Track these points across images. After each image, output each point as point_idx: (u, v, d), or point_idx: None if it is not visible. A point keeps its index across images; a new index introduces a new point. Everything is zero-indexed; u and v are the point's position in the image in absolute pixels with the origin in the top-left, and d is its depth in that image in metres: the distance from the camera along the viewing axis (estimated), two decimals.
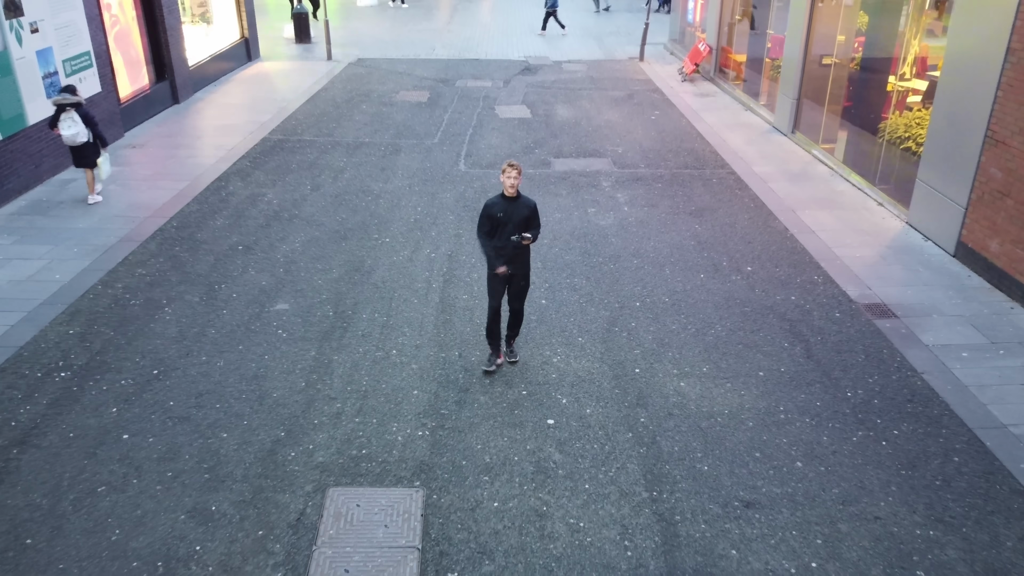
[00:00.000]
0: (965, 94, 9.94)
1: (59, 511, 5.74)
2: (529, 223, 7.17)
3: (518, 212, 7.10)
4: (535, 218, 7.23)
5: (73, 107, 10.99)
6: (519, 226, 7.10)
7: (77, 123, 10.97)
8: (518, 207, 7.11)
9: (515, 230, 7.08)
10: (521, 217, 7.11)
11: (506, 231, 7.07)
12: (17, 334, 8.04)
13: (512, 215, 7.07)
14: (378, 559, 5.36)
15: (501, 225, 7.09)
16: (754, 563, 5.46)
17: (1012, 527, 5.82)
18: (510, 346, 7.82)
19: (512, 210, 7.08)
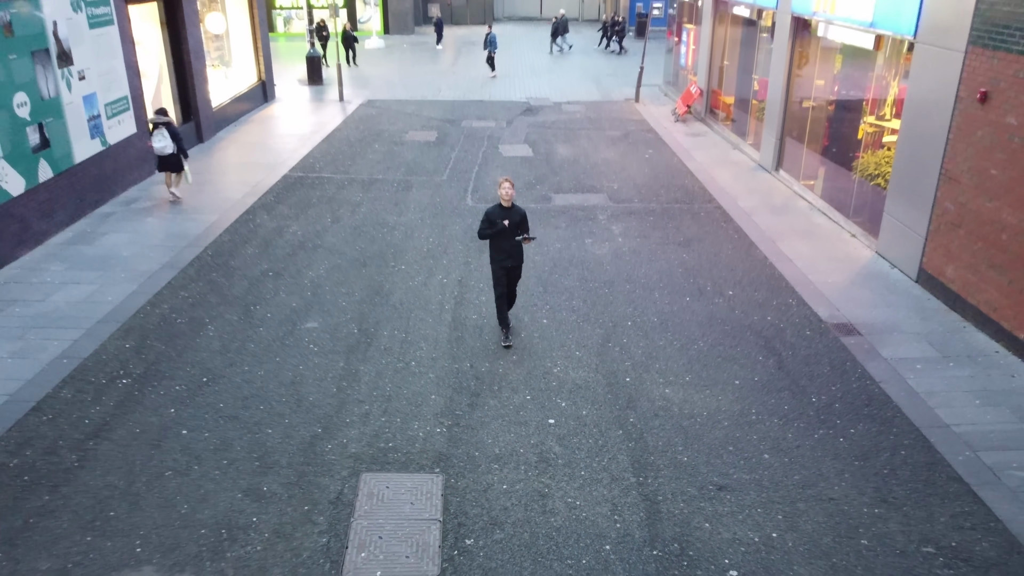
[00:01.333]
0: (923, 136, 11.10)
1: (134, 490, 6.76)
2: (521, 226, 9.09)
3: (512, 217, 9.03)
4: (525, 222, 9.21)
5: (164, 125, 13.65)
6: (513, 228, 8.99)
7: (166, 138, 13.69)
8: (512, 214, 9.06)
9: (514, 233, 9.00)
10: (514, 222, 9.03)
11: (507, 236, 8.97)
12: (80, 347, 9.09)
13: (510, 221, 8.98)
14: (406, 528, 6.37)
15: (502, 230, 8.97)
16: (724, 534, 6.46)
17: (946, 506, 6.82)
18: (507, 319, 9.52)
19: (507, 216, 9.00)
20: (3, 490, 6.73)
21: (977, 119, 9.95)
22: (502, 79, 29.07)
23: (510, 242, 9.07)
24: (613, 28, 36.45)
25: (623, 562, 6.12)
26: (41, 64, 12.20)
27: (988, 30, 9.69)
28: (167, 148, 13.75)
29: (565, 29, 35.95)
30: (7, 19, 11.35)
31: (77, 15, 13.24)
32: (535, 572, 5.99)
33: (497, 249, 9.17)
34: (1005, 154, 9.43)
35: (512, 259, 9.22)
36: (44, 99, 12.28)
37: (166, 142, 13.70)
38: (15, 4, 11.54)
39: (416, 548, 6.18)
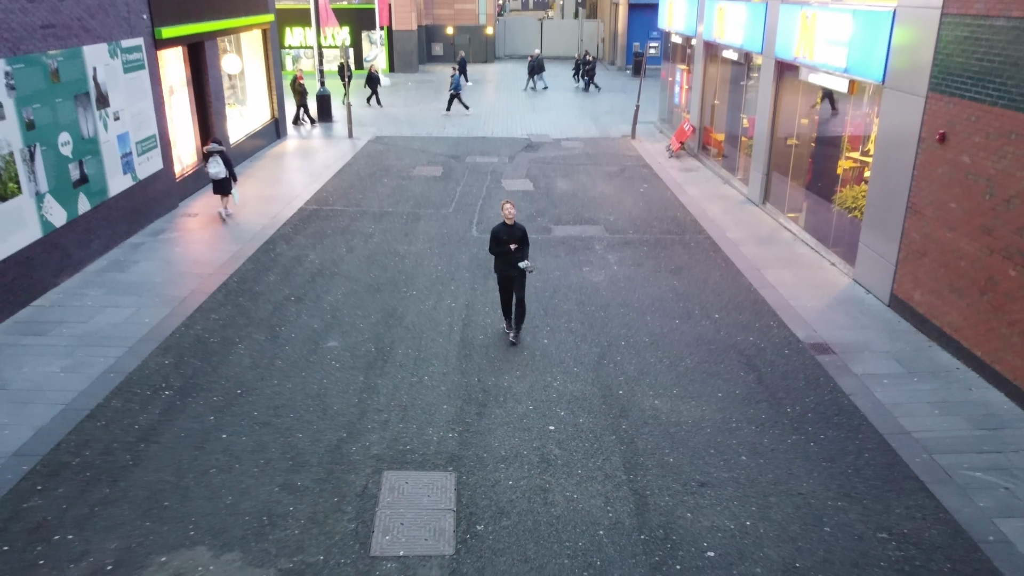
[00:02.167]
0: (892, 172, 12.12)
1: (183, 485, 7.66)
2: (522, 242, 10.52)
3: (514, 234, 10.46)
4: (526, 238, 10.63)
5: (218, 153, 15.73)
6: (516, 243, 10.42)
7: (220, 164, 15.78)
8: (514, 231, 10.51)
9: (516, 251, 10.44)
10: (516, 237, 10.45)
11: (508, 248, 10.37)
12: (124, 363, 10.02)
13: (511, 236, 10.43)
14: (424, 517, 7.26)
15: (503, 243, 10.35)
16: (703, 522, 7.34)
17: (902, 500, 7.71)
18: (518, 331, 10.93)
19: (511, 233, 10.45)
20: (69, 484, 7.62)
21: (937, 158, 10.98)
22: (504, 115, 30.26)
23: (513, 256, 10.52)
24: (583, 67, 37.92)
25: (614, 544, 7.00)
26: (82, 106, 13.27)
27: (945, 78, 10.75)
28: (220, 173, 15.82)
29: (541, 68, 37.43)
30: (55, 66, 12.44)
31: (114, 61, 14.35)
32: (538, 552, 6.87)
33: (503, 261, 10.63)
34: (961, 189, 10.44)
35: (514, 269, 10.62)
36: (84, 138, 13.33)
37: (219, 167, 15.78)
38: (63, 52, 12.64)
39: (434, 532, 7.06)
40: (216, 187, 16.14)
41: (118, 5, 14.54)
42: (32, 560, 6.64)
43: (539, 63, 37.32)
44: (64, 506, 7.31)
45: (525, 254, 10.67)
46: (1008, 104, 9.49)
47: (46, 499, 7.41)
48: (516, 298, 10.77)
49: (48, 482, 7.66)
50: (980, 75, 10.02)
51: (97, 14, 13.78)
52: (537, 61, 37.29)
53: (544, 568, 6.70)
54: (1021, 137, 9.29)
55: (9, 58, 11.29)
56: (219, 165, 15.78)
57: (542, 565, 6.73)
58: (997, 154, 9.73)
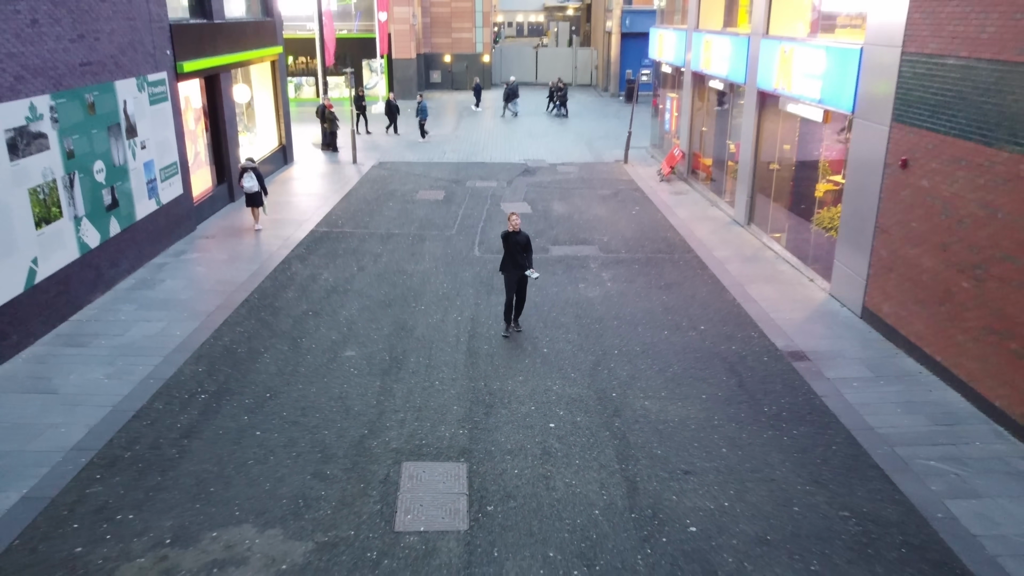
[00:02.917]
0: (862, 195, 13.20)
1: (226, 474, 8.61)
2: (527, 247, 12.18)
3: (520, 239, 12.11)
4: (529, 243, 12.27)
5: (252, 170, 17.63)
6: (522, 247, 12.10)
7: (253, 179, 17.70)
8: (519, 236, 12.15)
9: (520, 250, 12.08)
10: (521, 243, 12.11)
11: (514, 254, 12.08)
12: (162, 371, 10.99)
13: (517, 241, 12.08)
14: (441, 499, 8.22)
15: (511, 251, 12.10)
16: (687, 503, 8.31)
17: (864, 485, 8.69)
18: (517, 321, 12.69)
19: (517, 238, 12.08)
20: (124, 473, 8.57)
21: (900, 182, 12.07)
22: (501, 141, 31.42)
23: (518, 258, 12.11)
24: (556, 93, 39.29)
25: (608, 522, 7.96)
26: (114, 136, 14.32)
27: (906, 109, 11.87)
28: (254, 187, 17.77)
29: (515, 95, 38.85)
30: (92, 100, 13.50)
31: (141, 94, 15.43)
32: (541, 528, 7.84)
33: (511, 262, 12.18)
34: (922, 210, 11.52)
35: (519, 270, 12.19)
36: (115, 166, 14.37)
37: (253, 183, 17.73)
38: (98, 87, 13.71)
39: (449, 512, 8.03)
40: (249, 200, 18.04)
41: (145, 42, 15.65)
42: (100, 535, 7.58)
43: (514, 90, 38.80)
44: (122, 491, 8.26)
45: (529, 261, 12.24)
46: (959, 134, 10.59)
47: (105, 486, 8.36)
48: (518, 297, 12.52)
49: (105, 472, 8.61)
50: (935, 107, 11.13)
51: (127, 51, 14.87)
52: (512, 88, 38.74)
53: (547, 541, 7.66)
54: (970, 164, 10.38)
55: (53, 93, 12.35)
56: (252, 180, 17.70)
57: (545, 539, 7.70)
58: (951, 179, 10.81)
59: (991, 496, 8.47)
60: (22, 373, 10.82)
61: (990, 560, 7.50)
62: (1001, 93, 9.75)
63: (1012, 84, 9.55)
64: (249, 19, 22.71)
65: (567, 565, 7.35)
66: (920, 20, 11.45)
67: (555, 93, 39.50)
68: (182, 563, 7.23)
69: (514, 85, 38.94)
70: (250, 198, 18.07)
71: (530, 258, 12.28)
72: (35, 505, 7.98)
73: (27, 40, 11.68)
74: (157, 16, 16.24)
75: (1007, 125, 9.66)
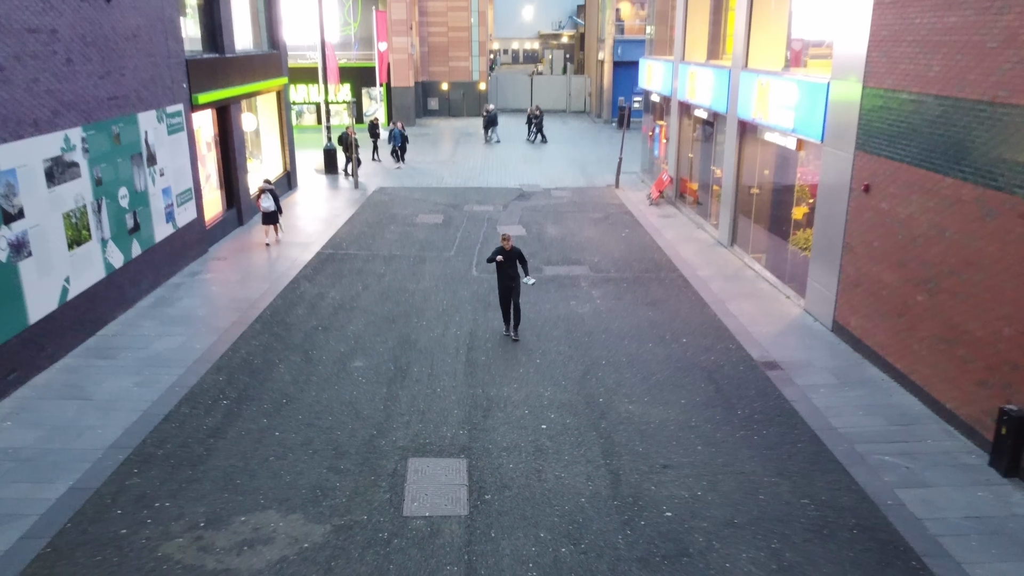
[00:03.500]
0: (831, 217, 14.28)
1: (250, 468, 9.57)
2: (517, 261, 13.61)
3: (511, 255, 13.50)
4: (521, 256, 13.70)
5: (269, 191, 19.41)
6: (514, 262, 13.54)
7: (270, 199, 19.47)
8: (511, 253, 13.50)
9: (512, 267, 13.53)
10: (512, 257, 13.51)
11: (506, 268, 13.47)
12: (185, 380, 11.96)
13: (509, 256, 13.47)
14: (443, 489, 9.18)
15: (502, 264, 13.44)
16: (664, 492, 9.28)
17: (824, 477, 9.67)
18: (516, 330, 13.91)
19: (508, 254, 13.47)
20: (158, 468, 9.53)
21: (864, 205, 13.15)
22: (497, 167, 32.58)
23: (509, 270, 13.58)
24: (533, 120, 40.63)
25: (593, 508, 8.93)
26: (136, 165, 15.38)
27: (867, 139, 12.98)
28: (271, 207, 19.49)
29: (495, 122, 40.29)
30: (117, 131, 14.58)
31: (160, 125, 16.52)
32: (534, 514, 8.80)
33: (502, 275, 13.64)
34: (882, 230, 12.59)
35: (512, 280, 13.64)
36: (137, 192, 15.42)
37: (270, 203, 19.47)
38: (123, 119, 14.79)
39: (451, 500, 8.99)
40: (265, 218, 19.70)
41: (164, 77, 16.77)
42: (141, 519, 8.53)
43: (493, 117, 40.17)
44: (158, 483, 9.21)
45: (526, 270, 13.86)
46: (912, 161, 11.69)
47: (143, 479, 9.31)
48: (514, 304, 13.80)
49: (142, 467, 9.56)
50: (892, 137, 12.24)
51: (149, 85, 15.98)
52: (492, 115, 40.13)
53: (539, 524, 8.62)
54: (921, 188, 11.47)
55: (84, 125, 13.42)
56: (270, 200, 19.46)
57: (537, 522, 8.66)
58: (906, 202, 11.89)
59: (937, 486, 9.46)
60: (58, 382, 11.78)
61: (930, 539, 8.47)
62: (946, 125, 10.86)
63: (954, 118, 10.66)
64: (257, 52, 23.89)
65: (556, 544, 8.31)
66: (877, 58, 12.59)
67: (532, 120, 40.79)
68: (216, 542, 8.18)
69: (493, 113, 40.32)
70: (266, 216, 19.66)
71: (526, 266, 13.80)
72: (82, 494, 8.93)
73: (63, 77, 12.76)
74: (175, 52, 17.37)
75: (951, 154, 10.76)
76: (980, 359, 10.27)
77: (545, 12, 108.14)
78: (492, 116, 40.16)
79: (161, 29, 16.60)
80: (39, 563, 7.82)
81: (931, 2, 11.13)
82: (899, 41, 11.97)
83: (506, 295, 13.80)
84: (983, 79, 10.05)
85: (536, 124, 40.41)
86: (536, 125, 40.43)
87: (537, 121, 40.38)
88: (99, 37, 13.95)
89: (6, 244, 11.22)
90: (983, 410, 10.21)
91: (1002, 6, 9.65)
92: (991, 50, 9.87)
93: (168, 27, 16.97)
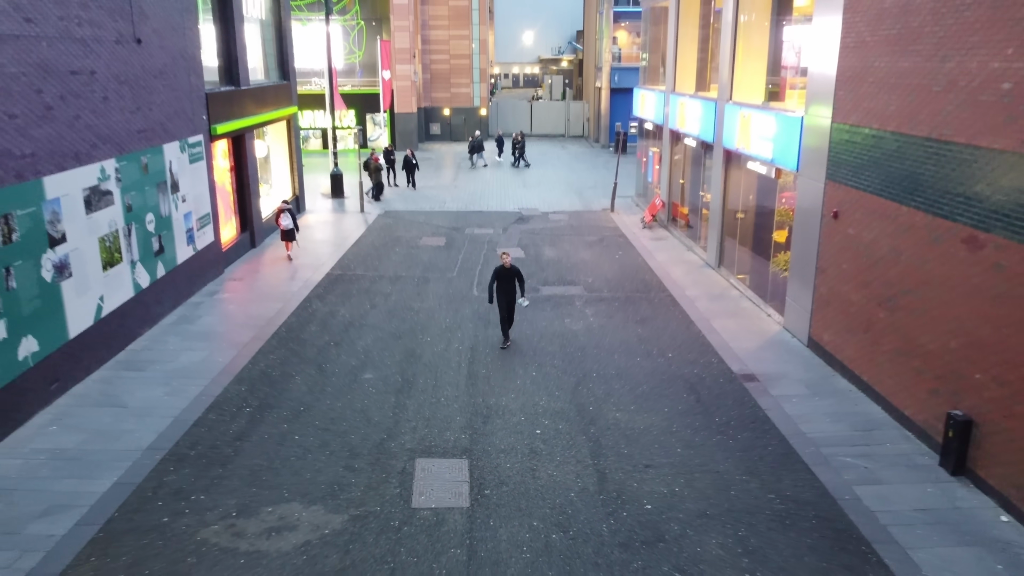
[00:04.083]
0: (806, 241, 15.43)
1: (274, 467, 10.65)
2: (516, 280, 14.93)
3: (509, 273, 14.82)
4: (520, 275, 14.99)
5: (287, 210, 21.28)
6: (511, 279, 14.88)
7: (289, 218, 21.37)
8: (510, 271, 14.78)
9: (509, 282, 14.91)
10: (511, 276, 14.80)
11: (504, 283, 14.84)
12: (211, 390, 13.06)
13: (507, 275, 14.80)
14: (447, 485, 10.26)
15: (501, 279, 14.83)
16: (646, 488, 10.35)
17: (790, 476, 10.73)
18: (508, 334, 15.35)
19: (507, 273, 14.78)
20: (192, 467, 10.61)
21: (834, 230, 14.30)
22: (497, 191, 33.80)
23: (507, 286, 14.95)
24: (515, 146, 42.00)
25: (581, 501, 10.00)
26: (161, 192, 16.58)
27: (836, 169, 14.16)
28: (289, 225, 21.40)
29: (480, 147, 41.82)
30: (146, 161, 15.79)
31: (183, 154, 17.74)
32: (528, 505, 9.87)
33: (499, 291, 14.98)
34: (850, 253, 13.73)
35: (508, 295, 15.07)
36: (162, 217, 16.60)
37: (289, 221, 21.38)
38: (150, 150, 16.00)
39: (455, 494, 10.07)
40: (284, 235, 21.62)
41: (186, 109, 18.00)
42: (180, 510, 9.61)
43: (479, 143, 41.75)
44: (192, 479, 10.30)
45: (523, 289, 15.18)
46: (873, 191, 12.86)
47: (178, 475, 10.40)
48: (509, 314, 15.30)
49: (176, 465, 10.65)
50: (857, 168, 13.42)
51: (173, 118, 17.21)
52: (477, 141, 41.65)
53: (532, 515, 9.70)
54: (882, 215, 12.62)
55: (117, 157, 14.62)
56: (288, 219, 21.38)
57: (531, 513, 9.73)
58: (869, 227, 13.05)
59: (891, 483, 10.53)
60: (94, 391, 12.89)
61: (881, 528, 9.54)
62: (900, 159, 12.04)
63: (907, 152, 11.84)
64: (269, 83, 25.19)
65: (547, 531, 9.38)
66: (844, 96, 13.80)
67: (515, 146, 42.15)
68: (247, 529, 9.25)
69: (479, 139, 41.88)
70: (285, 233, 21.52)
71: (523, 286, 15.12)
72: (125, 488, 10.01)
73: (100, 113, 13.98)
74: (196, 86, 18.62)
75: (905, 185, 11.92)
76: (932, 370, 11.38)
77: (545, 37, 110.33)
78: (478, 142, 41.71)
79: (184, 66, 17.86)
80: (93, 545, 8.90)
81: (888, 48, 12.35)
82: (862, 81, 13.18)
83: (504, 307, 15.12)
84: (931, 118, 11.24)
85: (519, 149, 41.77)
86: (519, 150, 41.79)
87: (519, 146, 41.75)
88: (131, 76, 15.20)
89: (51, 266, 12.37)
90: (935, 416, 11.30)
91: (944, 55, 10.85)
92: (936, 93, 11.06)
93: (190, 63, 18.24)
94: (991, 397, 10.13)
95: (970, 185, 10.42)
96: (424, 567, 8.69)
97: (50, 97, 12.42)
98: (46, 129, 12.31)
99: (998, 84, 9.82)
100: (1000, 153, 9.82)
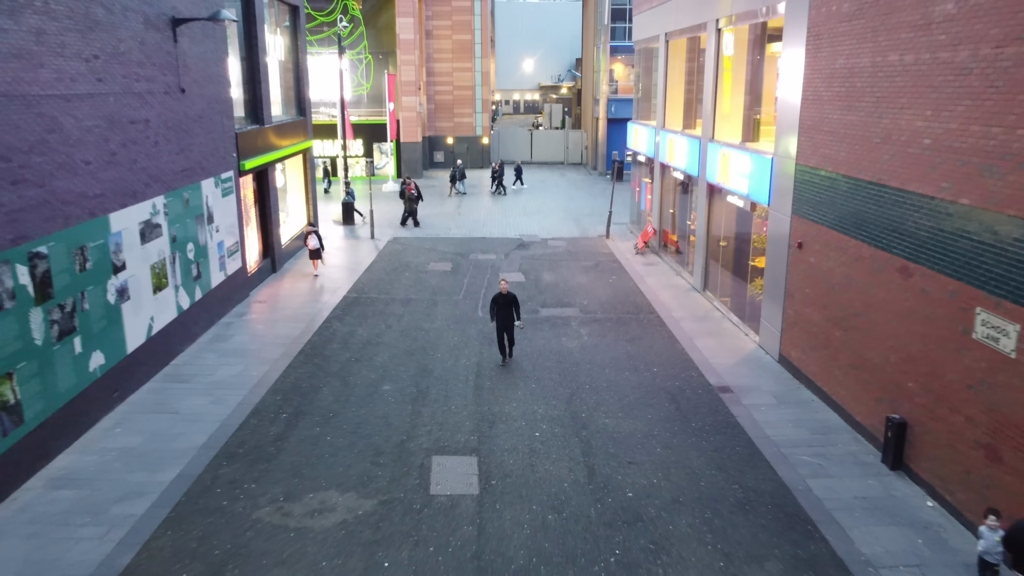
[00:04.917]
0: (776, 267, 17.30)
1: (311, 462, 12.45)
2: (513, 305, 16.62)
3: (507, 299, 16.45)
4: (516, 302, 16.67)
5: (314, 232, 24.29)
6: (509, 305, 16.56)
7: (315, 239, 24.42)
8: (508, 298, 16.40)
9: (507, 308, 16.61)
10: (509, 302, 16.52)
11: (503, 308, 16.56)
12: (249, 399, 14.88)
13: (506, 301, 16.48)
14: (460, 477, 12.06)
15: (500, 306, 16.53)
16: (629, 480, 12.14)
17: (753, 471, 12.53)
18: (511, 354, 17.19)
19: (505, 299, 16.41)
20: (241, 462, 12.42)
21: (799, 259, 16.19)
22: (499, 219, 35.75)
23: (504, 312, 16.66)
24: (494, 174, 44.08)
25: (573, 490, 11.81)
26: (199, 224, 18.49)
27: (800, 205, 16.06)
28: (316, 245, 24.50)
29: (463, 176, 43.91)
30: (187, 197, 17.71)
31: (216, 189, 19.68)
32: (528, 493, 11.67)
33: (497, 316, 16.73)
34: (812, 279, 15.60)
35: (506, 320, 16.77)
36: (200, 246, 18.50)
37: (315, 242, 24.47)
38: (191, 186, 17.94)
39: (466, 484, 11.87)
40: (311, 254, 24.70)
41: (220, 149, 19.96)
42: (235, 496, 11.41)
43: (461, 171, 43.82)
44: (243, 472, 12.10)
45: (518, 314, 16.70)
46: (829, 225, 14.75)
47: (231, 469, 12.20)
48: (508, 337, 17.01)
49: (228, 461, 12.46)
50: (816, 205, 15.32)
51: (210, 157, 19.17)
52: (459, 170, 43.72)
53: (532, 500, 11.49)
54: (836, 247, 14.51)
55: (165, 193, 16.54)
56: (315, 240, 24.48)
57: (531, 499, 11.53)
58: (827, 257, 14.93)
59: (839, 477, 12.33)
60: (148, 400, 14.71)
61: (826, 512, 11.33)
62: (850, 198, 13.94)
63: (855, 192, 13.74)
64: (288, 119, 27.20)
65: (544, 513, 11.18)
66: (805, 141, 15.74)
67: (494, 173, 44.20)
68: (293, 511, 11.05)
69: (461, 167, 44.01)
70: (312, 252, 24.68)
71: (519, 311, 16.69)
72: (187, 480, 11.82)
73: (152, 156, 15.92)
74: (228, 128, 20.59)
75: (854, 221, 13.82)
76: (877, 380, 13.21)
77: (545, 65, 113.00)
78: (460, 170, 43.78)
79: (219, 109, 19.85)
80: (167, 523, 10.70)
81: (839, 104, 14.30)
82: (819, 130, 15.12)
83: (501, 332, 16.87)
84: (872, 165, 13.15)
85: (498, 176, 43.90)
86: (498, 177, 43.92)
87: (498, 173, 43.90)
88: (176, 122, 17.16)
89: (114, 290, 14.24)
90: (880, 420, 13.11)
91: (881, 113, 12.79)
92: (876, 144, 12.99)
93: (223, 107, 20.22)
94: (921, 403, 11.96)
95: (902, 223, 12.32)
96: (442, 540, 10.49)
97: (115, 144, 14.36)
98: (111, 172, 14.23)
99: (921, 139, 11.75)
100: (923, 197, 11.73)
